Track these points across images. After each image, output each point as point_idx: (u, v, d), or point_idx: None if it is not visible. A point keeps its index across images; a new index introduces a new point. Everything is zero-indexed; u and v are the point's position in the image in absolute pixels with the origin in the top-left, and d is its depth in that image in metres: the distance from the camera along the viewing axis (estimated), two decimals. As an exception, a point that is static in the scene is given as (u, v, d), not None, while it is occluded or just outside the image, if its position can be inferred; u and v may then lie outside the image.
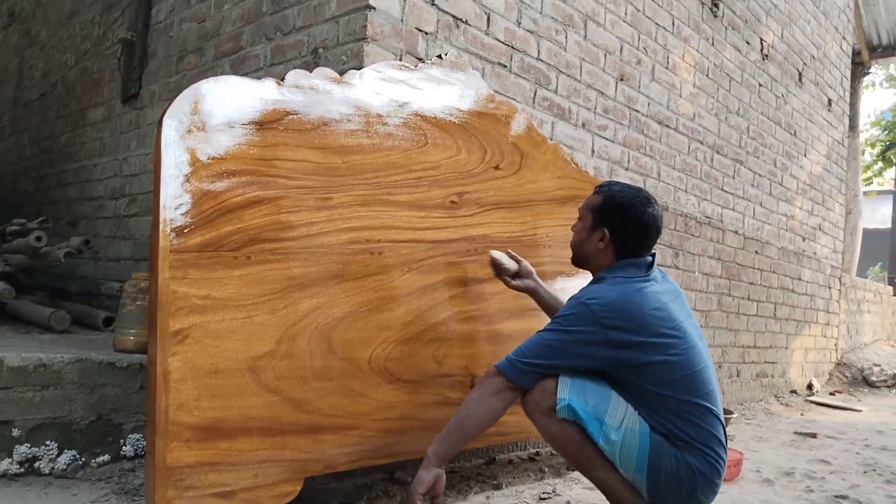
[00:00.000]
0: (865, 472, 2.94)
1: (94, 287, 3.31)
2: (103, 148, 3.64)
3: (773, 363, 5.01)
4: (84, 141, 3.82)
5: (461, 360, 2.28)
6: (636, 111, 3.53)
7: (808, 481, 2.69)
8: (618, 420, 1.71)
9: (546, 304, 2.26)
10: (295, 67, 2.49)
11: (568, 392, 1.73)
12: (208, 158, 1.74)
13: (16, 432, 2.01)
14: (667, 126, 3.76)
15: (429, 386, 2.16)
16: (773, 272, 4.96)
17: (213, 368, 1.68)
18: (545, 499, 2.26)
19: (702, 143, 4.08)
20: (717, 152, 4.25)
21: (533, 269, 2.31)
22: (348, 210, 2.02)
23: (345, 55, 2.33)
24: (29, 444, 2.02)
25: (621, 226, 1.92)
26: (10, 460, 1.98)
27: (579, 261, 2.06)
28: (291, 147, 1.91)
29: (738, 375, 4.55)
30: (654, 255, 1.98)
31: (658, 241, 2.04)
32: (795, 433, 3.79)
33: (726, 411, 3.63)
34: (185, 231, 1.68)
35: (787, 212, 5.14)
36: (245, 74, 2.75)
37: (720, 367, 4.33)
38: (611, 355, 1.74)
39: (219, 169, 1.76)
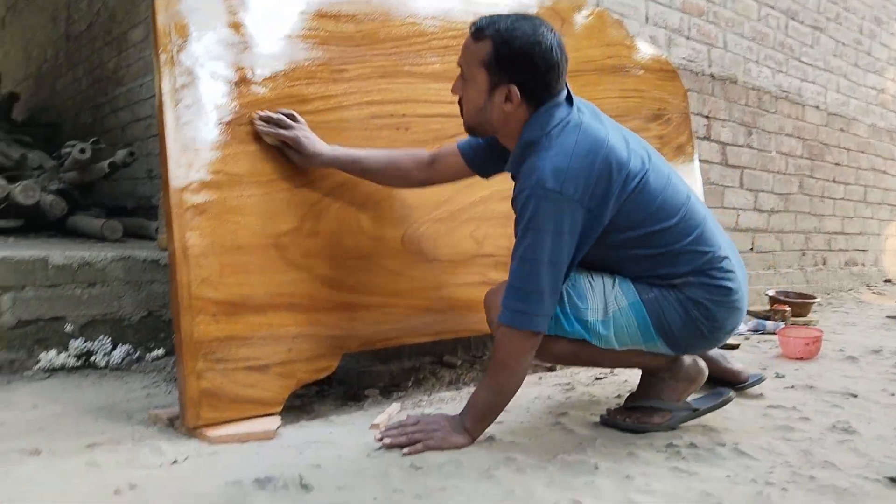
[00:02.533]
0: (966, 349, 2.68)
1: (147, 203, 3.36)
2: (146, 67, 3.63)
3: (863, 251, 4.64)
4: (129, 63, 3.83)
5: (503, 239, 2.16)
6: (695, -28, 3.20)
7: (897, 357, 2.47)
8: (600, 310, 1.50)
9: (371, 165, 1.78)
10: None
11: None
12: (212, 28, 1.65)
13: (69, 328, 2.07)
14: (732, -11, 3.41)
15: (469, 266, 2.07)
16: (863, 152, 4.54)
17: (235, 244, 1.63)
18: (601, 378, 2.16)
19: (773, 7, 3.69)
20: (792, 18, 3.83)
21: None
22: (367, 82, 1.90)
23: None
24: (83, 339, 2.08)
25: (530, 74, 1.45)
26: (66, 354, 2.05)
27: (479, 131, 1.63)
28: (299, 14, 1.80)
29: (824, 264, 4.24)
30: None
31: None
32: (888, 317, 3.51)
33: (807, 296, 3.40)
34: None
35: (876, 84, 4.65)
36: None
37: (803, 255, 4.04)
38: (598, 226, 1.46)
39: (224, 38, 1.67)
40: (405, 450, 1.42)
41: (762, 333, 2.97)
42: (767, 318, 3.18)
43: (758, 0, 3.57)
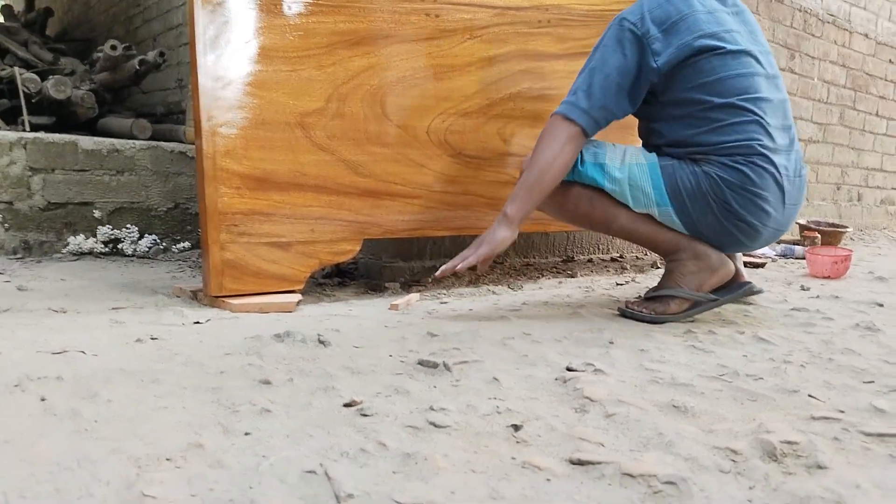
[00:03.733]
0: None
1: (177, 108, 3.37)
2: (177, -26, 3.59)
3: (902, 190, 4.51)
4: (160, -30, 3.80)
5: (529, 140, 2.13)
6: None
7: (929, 280, 2.41)
8: (618, 159, 1.59)
9: None
10: None
11: None
12: None
13: (97, 213, 2.10)
14: None
15: (493, 163, 2.05)
16: (911, 87, 4.35)
17: (260, 119, 1.63)
18: (622, 284, 2.15)
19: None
20: (848, -63, 3.64)
21: None
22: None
23: None
24: (111, 226, 2.11)
25: None
26: (94, 239, 2.09)
27: None
28: None
29: (858, 199, 4.13)
30: None
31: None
32: (921, 253, 3.42)
33: (839, 225, 3.32)
34: (220, -26, 1.58)
35: (933, 16, 4.42)
36: None
37: (838, 189, 3.94)
38: (650, 62, 1.54)
39: None
40: (458, 266, 1.49)
41: (792, 258, 2.92)
42: (798, 242, 3.13)
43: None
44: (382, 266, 2.08)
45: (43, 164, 2.01)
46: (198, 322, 1.42)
